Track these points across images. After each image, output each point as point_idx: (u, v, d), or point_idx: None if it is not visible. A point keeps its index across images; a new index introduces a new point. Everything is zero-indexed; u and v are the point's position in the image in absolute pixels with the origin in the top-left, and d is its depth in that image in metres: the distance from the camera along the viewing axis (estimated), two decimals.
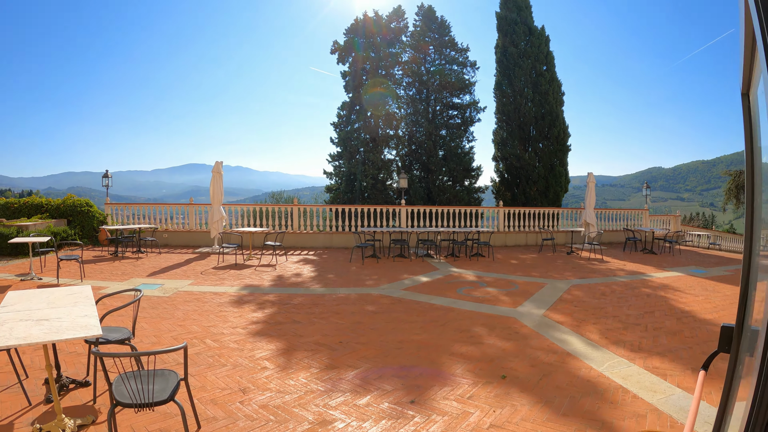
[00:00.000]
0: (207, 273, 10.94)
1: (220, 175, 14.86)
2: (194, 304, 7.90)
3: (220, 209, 14.67)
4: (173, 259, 13.10)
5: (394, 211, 17.78)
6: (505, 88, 27.37)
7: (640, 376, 5.04)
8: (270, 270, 11.47)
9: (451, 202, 27.48)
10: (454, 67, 29.95)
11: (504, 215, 19.02)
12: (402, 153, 28.70)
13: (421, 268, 12.21)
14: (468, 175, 29.12)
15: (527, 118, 26.70)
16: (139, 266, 11.92)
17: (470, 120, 29.77)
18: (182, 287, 9.30)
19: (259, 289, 9.15)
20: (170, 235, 16.53)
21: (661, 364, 5.45)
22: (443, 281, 10.39)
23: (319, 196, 35.00)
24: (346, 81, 28.26)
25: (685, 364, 5.45)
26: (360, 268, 12.03)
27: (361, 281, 10.18)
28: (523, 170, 26.84)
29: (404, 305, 8.02)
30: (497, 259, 14.30)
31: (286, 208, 17.51)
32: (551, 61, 27.18)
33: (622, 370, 5.21)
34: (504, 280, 10.75)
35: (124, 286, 9.44)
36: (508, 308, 8.00)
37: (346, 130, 27.56)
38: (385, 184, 27.60)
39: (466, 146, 29.49)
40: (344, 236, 16.60)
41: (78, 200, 17.02)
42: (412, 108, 29.27)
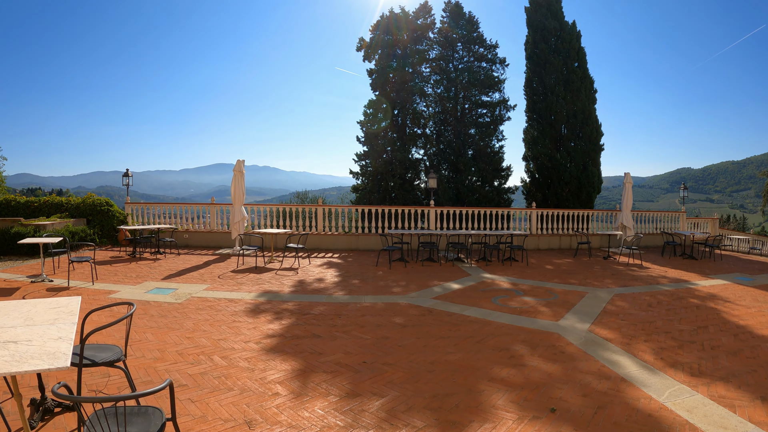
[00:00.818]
0: (225, 277, 10.36)
1: (242, 174, 14.33)
2: (206, 313, 7.28)
3: (241, 209, 14.13)
4: (192, 261, 12.59)
5: (422, 212, 17.01)
6: (536, 85, 26.34)
7: (706, 408, 4.27)
8: (291, 274, 10.83)
9: (481, 202, 26.55)
10: (483, 64, 29.01)
11: (537, 217, 18.08)
12: (430, 152, 27.87)
13: (452, 273, 11.42)
14: (498, 176, 28.14)
15: (559, 116, 25.62)
16: (156, 268, 11.43)
17: (500, 118, 28.78)
18: (196, 293, 8.72)
19: (278, 296, 8.50)
20: (191, 235, 16.09)
21: (727, 392, 4.66)
22: (476, 289, 9.59)
23: (345, 196, 34.42)
24: (373, 78, 27.56)
25: (753, 392, 4.67)
26: (387, 272, 11.30)
27: (387, 288, 9.45)
28: (555, 170, 25.76)
29: (435, 317, 7.25)
30: (531, 263, 13.42)
31: (310, 208, 16.91)
32: (583, 58, 26.06)
33: (685, 401, 4.42)
34: (541, 288, 9.90)
35: (136, 290, 8.92)
36: (549, 321, 7.18)
37: (372, 128, 26.86)
38: (413, 184, 26.81)
39: (495, 145, 28.53)
40: (370, 238, 15.90)
41: (98, 199, 16.73)
42: (440, 106, 28.43)
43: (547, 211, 18.22)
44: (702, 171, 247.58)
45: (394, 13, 27.31)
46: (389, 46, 27.05)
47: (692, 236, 16.72)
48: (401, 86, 26.47)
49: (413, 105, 27.20)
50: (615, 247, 17.48)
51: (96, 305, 7.79)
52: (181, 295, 8.56)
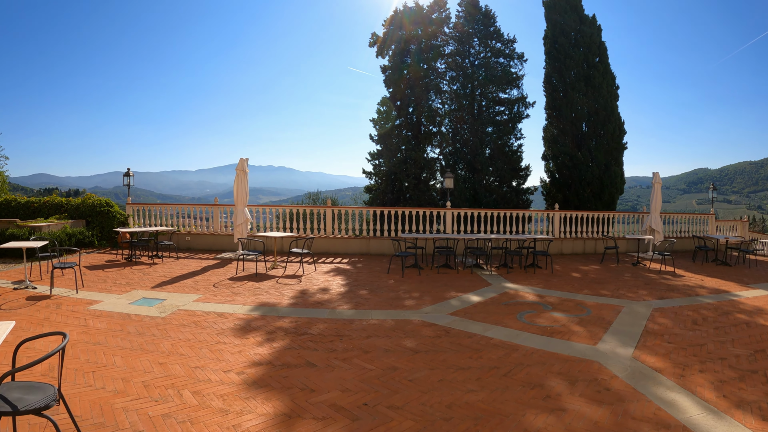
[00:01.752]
0: (220, 285, 9.44)
1: (245, 173, 13.43)
2: (189, 331, 6.35)
3: (244, 211, 13.24)
4: (190, 266, 11.72)
5: (438, 214, 15.95)
6: (556, 81, 25.15)
7: None
8: (293, 283, 9.87)
9: (498, 203, 25.41)
10: (501, 59, 27.84)
11: (560, 220, 16.92)
12: (446, 151, 26.79)
13: (471, 282, 10.36)
14: (516, 175, 26.97)
15: (580, 114, 24.41)
16: (150, 274, 10.58)
17: (518, 116, 27.59)
18: (185, 304, 7.81)
19: (274, 310, 7.54)
20: (193, 238, 15.25)
21: None
22: (498, 302, 8.54)
23: (359, 197, 33.33)
24: (386, 75, 26.59)
25: None
26: (399, 281, 10.28)
27: (399, 300, 8.44)
28: (576, 170, 24.53)
29: (453, 339, 6.21)
30: (556, 271, 12.33)
31: (318, 210, 15.97)
32: (604, 52, 24.83)
33: None
34: (571, 301, 8.82)
35: (120, 300, 8.05)
36: (585, 346, 6.11)
37: (386, 126, 25.86)
38: (428, 185, 25.72)
39: (514, 144, 27.36)
40: (382, 242, 14.91)
41: (98, 200, 15.99)
42: (456, 104, 27.34)
43: (571, 213, 17.07)
44: (719, 171, 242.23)
45: (407, 7, 26.34)
46: (403, 42, 26.05)
47: (725, 240, 15.48)
48: (415, 83, 25.45)
49: (428, 102, 26.15)
50: (642, 252, 16.35)
51: (75, 317, 7.04)
52: (167, 307, 7.66)
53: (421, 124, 25.84)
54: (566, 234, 16.97)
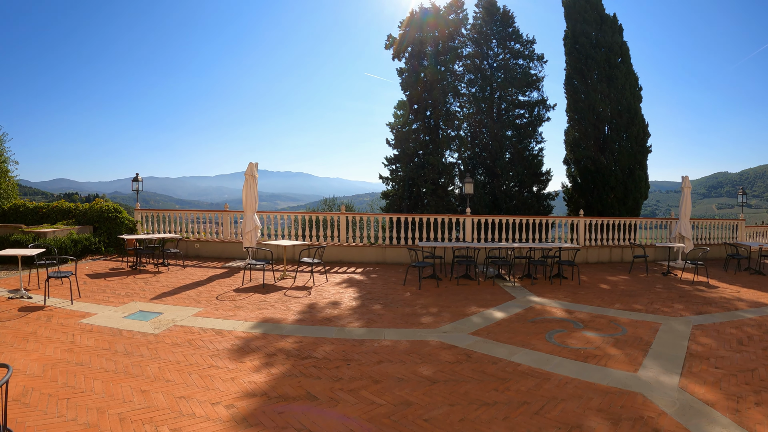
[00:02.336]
0: (224, 298, 8.83)
1: (254, 178, 12.87)
2: (182, 352, 5.74)
3: (253, 218, 12.66)
4: (195, 276, 11.16)
5: (457, 221, 15.18)
6: (577, 83, 24.23)
7: None
8: (302, 295, 9.22)
9: (519, 209, 24.54)
10: (520, 61, 26.99)
11: (585, 227, 16.07)
12: (464, 156, 25.99)
13: (493, 295, 9.60)
14: (537, 180, 26.04)
15: (603, 116, 23.47)
16: (152, 284, 10.04)
17: (539, 119, 26.68)
18: (182, 319, 7.21)
19: (278, 328, 6.88)
20: (202, 245, 14.73)
21: None
22: (524, 319, 7.78)
23: (376, 203, 32.57)
24: (402, 78, 25.91)
25: None
26: (415, 294, 9.55)
27: (415, 317, 7.72)
28: (599, 174, 23.57)
29: (475, 366, 5.48)
30: (583, 282, 11.50)
31: (332, 216, 15.34)
32: (626, 53, 23.85)
33: None
34: (603, 317, 8.02)
35: (115, 313, 7.50)
36: (625, 373, 5.35)
37: (403, 130, 25.13)
38: (446, 190, 24.86)
39: (534, 148, 26.43)
40: (399, 250, 14.18)
41: (105, 205, 15.59)
42: (475, 107, 26.55)
43: (597, 220, 16.21)
44: (739, 175, 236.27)
45: (424, 8, 25.65)
46: (419, 44, 25.38)
47: (759, 248, 14.51)
48: (433, 86, 24.74)
49: (446, 105, 25.40)
50: (671, 260, 15.49)
51: (64, 331, 6.57)
52: (163, 322, 7.07)
53: (439, 128, 25.10)
54: (591, 242, 16.12)
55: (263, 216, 14.93)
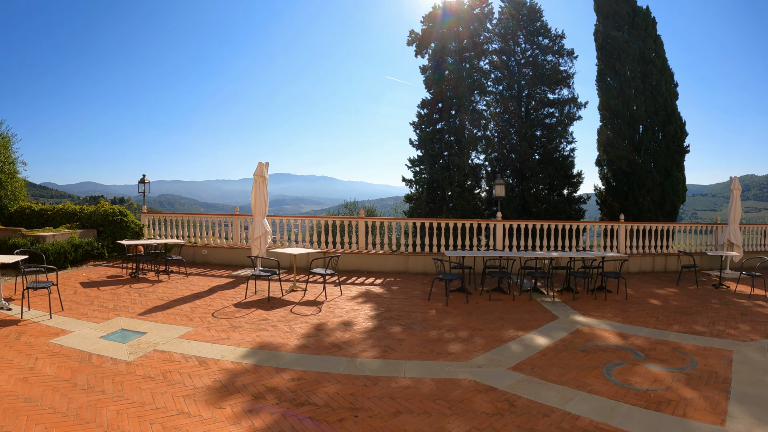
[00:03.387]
0: (221, 314, 7.70)
1: (264, 179, 11.75)
2: (152, 388, 4.62)
3: (263, 223, 11.54)
4: (196, 286, 10.09)
5: (487, 226, 13.76)
6: (610, 79, 22.72)
7: None
8: (310, 313, 8.01)
9: (549, 213, 23.05)
10: (548, 57, 25.47)
11: (626, 233, 14.58)
12: (492, 157, 24.59)
13: (531, 314, 8.24)
14: (568, 183, 24.50)
15: (637, 114, 21.92)
16: (147, 295, 8.99)
17: (569, 118, 25.13)
18: (165, 342, 6.09)
19: (275, 357, 5.68)
20: (210, 251, 13.68)
21: None
22: (573, 346, 6.44)
23: (400, 207, 31.15)
24: (426, 76, 24.69)
25: None
26: (442, 312, 8.24)
27: (442, 343, 6.42)
28: (635, 176, 22.02)
29: (522, 420, 4.16)
30: (630, 296, 10.07)
31: (350, 221, 14.14)
32: (660, 47, 22.31)
33: None
34: (664, 343, 6.66)
35: (94, 332, 6.49)
36: (711, 427, 4.08)
37: (427, 130, 23.84)
38: (473, 193, 23.46)
39: (565, 148, 24.94)
40: (423, 259, 12.87)
41: (110, 209, 14.71)
42: (502, 105, 25.18)
43: (638, 226, 14.71)
44: (766, 178, 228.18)
45: (447, 2, 24.40)
46: (443, 40, 24.11)
47: None
48: (458, 83, 23.44)
49: (472, 104, 24.07)
50: (716, 269, 14.05)
51: (28, 353, 5.72)
52: (142, 345, 5.97)
53: (464, 128, 23.75)
54: (632, 249, 14.65)
55: (275, 221, 13.84)
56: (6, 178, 16.61)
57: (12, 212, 16.34)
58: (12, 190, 17.06)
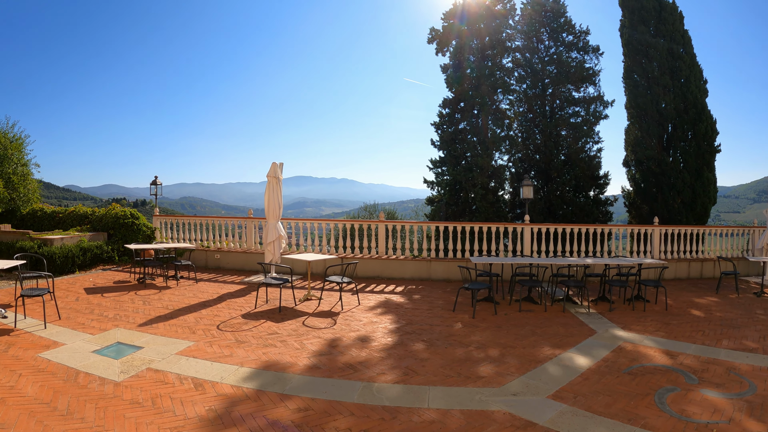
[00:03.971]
0: (227, 327, 7.08)
1: (278, 180, 11.16)
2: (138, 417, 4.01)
3: (276, 226, 10.95)
4: (204, 294, 9.52)
5: (514, 230, 12.90)
6: (638, 76, 21.72)
7: None
8: (324, 325, 7.34)
9: (576, 216, 22.12)
10: (573, 54, 24.48)
11: (660, 237, 13.67)
12: (515, 157, 23.71)
13: (566, 327, 7.45)
14: (594, 184, 23.51)
15: (667, 113, 20.88)
16: (152, 303, 8.46)
17: (596, 116, 24.14)
18: (162, 359, 5.49)
19: (281, 380, 5.02)
20: (223, 255, 13.14)
21: None
22: (617, 367, 5.65)
23: (421, 209, 30.29)
24: (447, 74, 23.94)
25: None
26: (468, 326, 7.48)
27: (470, 364, 5.68)
28: (664, 177, 20.98)
29: None
30: (670, 306, 9.23)
31: (369, 224, 13.47)
32: (688, 42, 21.21)
33: None
34: (716, 363, 5.85)
35: (87, 345, 5.95)
36: None
37: (449, 130, 23.06)
38: (496, 195, 22.60)
39: (592, 148, 23.93)
40: (446, 265, 12.10)
41: (121, 211, 14.31)
42: (526, 104, 24.32)
43: (674, 229, 13.80)
44: None
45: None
46: (464, 37, 23.34)
47: None
48: (480, 81, 22.66)
49: (495, 103, 23.25)
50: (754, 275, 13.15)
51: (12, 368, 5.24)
52: (136, 362, 5.39)
53: (487, 128, 22.94)
54: (667, 254, 13.74)
55: (291, 224, 13.25)
56: (19, 180, 16.37)
57: (24, 214, 16.11)
58: (25, 192, 16.81)
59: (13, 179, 16.14)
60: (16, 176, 16.29)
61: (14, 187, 16.17)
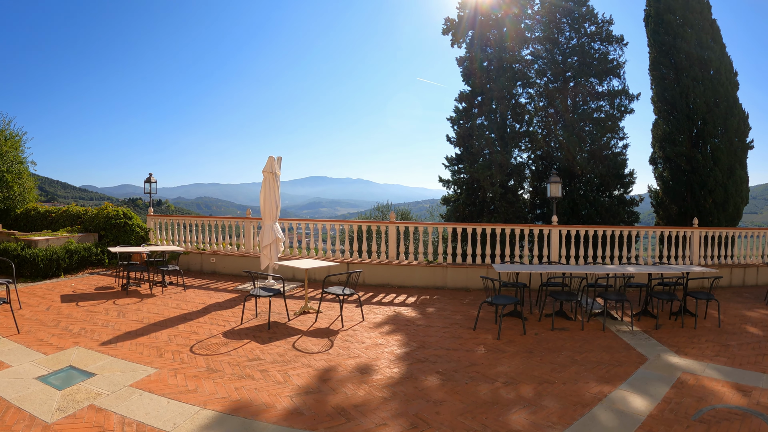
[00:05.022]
0: (202, 348, 5.96)
1: (276, 176, 10.06)
2: None
3: (273, 228, 9.84)
4: (191, 303, 8.47)
5: (540, 233, 11.59)
6: (666, 69, 20.26)
7: None
8: (318, 348, 6.14)
9: (601, 216, 20.69)
10: (596, 45, 22.94)
11: (700, 240, 12.34)
12: (536, 154, 22.31)
13: (611, 353, 6.15)
14: (619, 182, 22.02)
15: (697, 107, 19.44)
16: (127, 315, 7.43)
17: (621, 111, 22.65)
18: (110, 393, 4.40)
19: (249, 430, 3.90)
20: (219, 259, 12.10)
21: None
22: (683, 412, 4.39)
23: (436, 210, 28.78)
24: (463, 67, 22.64)
25: None
26: (493, 350, 6.22)
27: (498, 409, 4.44)
28: (695, 175, 19.54)
29: None
30: (723, 323, 7.94)
31: (378, 226, 12.32)
32: (717, 32, 19.75)
33: None
34: None
35: (35, 368, 4.93)
36: None
37: (466, 126, 21.73)
38: (516, 194, 21.21)
39: (617, 145, 22.43)
40: (464, 272, 10.82)
41: (114, 211, 13.39)
42: (547, 99, 22.93)
43: (715, 231, 12.49)
44: None
45: None
46: (481, 27, 22.04)
47: None
48: (499, 74, 21.36)
49: (514, 97, 21.91)
50: None
51: None
52: (80, 395, 4.33)
53: (506, 123, 21.60)
54: (705, 260, 12.43)
55: (292, 225, 12.16)
56: (13, 179, 15.54)
57: (18, 214, 15.31)
58: (20, 191, 15.99)
59: (7, 177, 15.33)
60: (10, 174, 15.48)
61: (8, 186, 15.37)
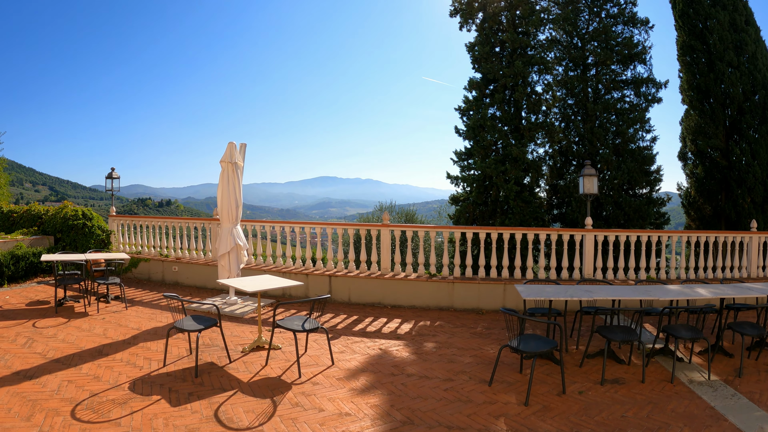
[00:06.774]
0: (88, 409, 4.03)
1: (236, 167, 8.09)
2: None
3: (233, 232, 7.89)
4: (122, 328, 6.59)
5: (570, 239, 9.19)
6: (697, 54, 18.10)
7: None
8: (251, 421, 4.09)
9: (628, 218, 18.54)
10: (617, 28, 20.79)
11: (759, 248, 10.22)
12: (555, 148, 20.10)
13: (692, 423, 4.07)
14: (647, 179, 19.80)
15: (733, 95, 17.28)
16: (32, 346, 5.60)
17: (647, 100, 20.44)
18: None
19: None
20: (181, 268, 10.20)
21: None
22: None
23: (445, 210, 26.34)
24: (473, 53, 20.49)
25: None
26: (520, 425, 4.14)
27: None
28: (732, 172, 17.39)
29: None
30: None
31: (368, 230, 10.30)
32: (750, 14, 17.80)
33: None
34: None
35: None
36: None
37: (477, 116, 19.52)
38: (533, 192, 18.95)
39: (644, 138, 20.22)
40: (476, 288, 8.64)
41: (72, 211, 11.62)
42: (565, 87, 20.79)
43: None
44: None
45: None
46: (493, 7, 19.91)
47: None
48: (513, 58, 19.26)
49: (529, 86, 19.75)
50: None
51: None
52: None
53: (521, 115, 19.45)
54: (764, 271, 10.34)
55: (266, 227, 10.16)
56: None
57: None
58: None
59: None
60: None
61: None
